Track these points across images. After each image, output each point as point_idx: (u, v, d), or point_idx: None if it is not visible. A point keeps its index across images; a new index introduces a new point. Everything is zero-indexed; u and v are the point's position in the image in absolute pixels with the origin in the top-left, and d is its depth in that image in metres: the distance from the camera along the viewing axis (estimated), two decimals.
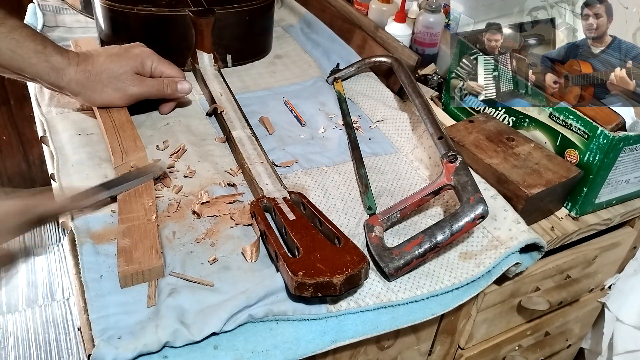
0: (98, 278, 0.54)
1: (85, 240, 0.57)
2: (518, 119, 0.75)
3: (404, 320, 0.56)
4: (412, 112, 0.80)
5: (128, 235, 0.57)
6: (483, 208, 0.57)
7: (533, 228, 0.67)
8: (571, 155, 0.69)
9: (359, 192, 0.69)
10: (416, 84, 0.78)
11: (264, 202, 0.63)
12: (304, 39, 1.06)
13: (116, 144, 0.69)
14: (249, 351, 0.50)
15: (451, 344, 0.74)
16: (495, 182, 0.67)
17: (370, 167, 0.74)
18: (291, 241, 0.57)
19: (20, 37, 0.67)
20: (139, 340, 0.48)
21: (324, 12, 1.08)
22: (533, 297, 0.74)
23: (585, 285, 0.81)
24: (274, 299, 0.53)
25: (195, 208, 0.63)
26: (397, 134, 0.80)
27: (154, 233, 0.57)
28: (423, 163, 0.74)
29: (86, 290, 0.52)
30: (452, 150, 0.64)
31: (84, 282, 0.53)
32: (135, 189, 0.63)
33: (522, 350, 0.86)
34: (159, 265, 0.54)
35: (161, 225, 0.61)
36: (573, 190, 0.69)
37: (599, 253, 0.80)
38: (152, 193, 0.63)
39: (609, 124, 0.66)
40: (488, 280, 0.61)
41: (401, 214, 0.64)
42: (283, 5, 1.19)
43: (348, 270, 0.51)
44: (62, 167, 0.67)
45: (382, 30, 0.94)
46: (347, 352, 0.61)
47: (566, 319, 0.89)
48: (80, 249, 0.56)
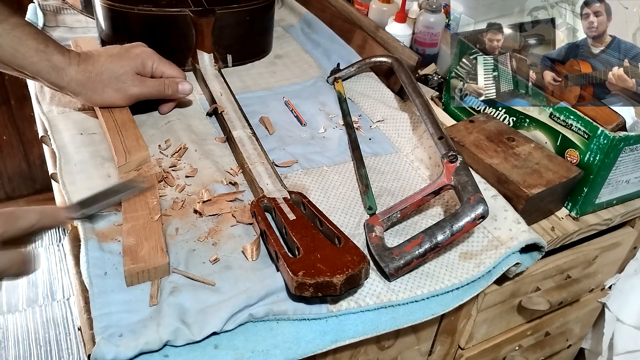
0: (102, 275, 0.54)
1: (90, 236, 0.57)
2: (518, 119, 0.75)
3: (404, 320, 0.56)
4: (413, 112, 0.81)
5: (133, 233, 0.57)
6: (483, 208, 0.57)
7: (533, 228, 0.67)
8: (571, 156, 0.69)
9: (359, 192, 0.69)
10: (416, 84, 0.78)
11: (264, 202, 0.63)
12: (304, 39, 1.06)
13: (119, 143, 0.69)
14: (250, 350, 0.50)
15: (451, 344, 0.74)
16: (495, 182, 0.67)
17: (370, 167, 0.74)
18: (291, 241, 0.57)
19: (22, 34, 0.67)
20: (140, 339, 0.48)
21: (324, 12, 1.08)
22: (533, 297, 0.74)
23: (586, 286, 0.81)
24: (274, 299, 0.53)
25: (197, 207, 0.63)
26: (397, 134, 0.80)
27: (159, 232, 0.57)
28: (423, 163, 0.74)
29: (89, 286, 0.52)
30: (453, 150, 0.64)
31: (88, 277, 0.53)
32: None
33: (522, 351, 0.86)
34: (165, 264, 0.54)
35: (165, 223, 0.61)
36: (573, 191, 0.69)
37: (599, 253, 0.80)
38: (156, 192, 0.63)
39: (609, 124, 0.66)
40: (488, 280, 0.61)
41: (401, 214, 0.64)
42: (283, 5, 1.19)
43: (348, 270, 0.51)
44: (64, 167, 0.67)
45: (383, 30, 0.94)
46: (347, 352, 0.61)
47: (566, 319, 0.89)
48: (86, 245, 0.56)
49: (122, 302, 0.52)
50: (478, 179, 0.67)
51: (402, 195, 0.69)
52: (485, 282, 0.61)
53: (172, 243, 0.59)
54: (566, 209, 0.72)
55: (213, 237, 0.60)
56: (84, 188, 0.64)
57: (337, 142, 0.78)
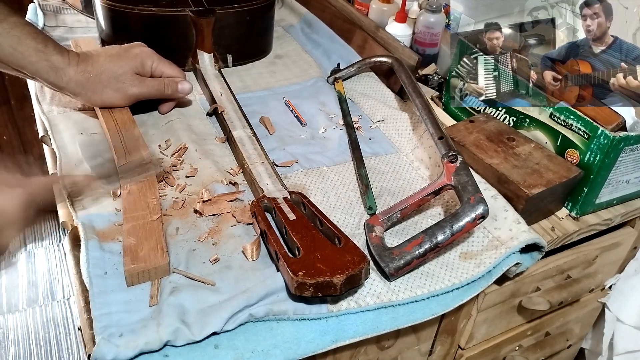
0: (102, 275, 0.54)
1: (91, 236, 0.57)
2: (518, 119, 0.75)
3: (404, 320, 0.56)
4: (413, 112, 0.80)
5: (133, 233, 0.57)
6: (484, 208, 0.57)
7: (533, 228, 0.67)
8: (572, 156, 0.69)
9: (359, 192, 0.69)
10: (416, 84, 0.78)
11: (264, 202, 0.63)
12: (305, 38, 1.06)
13: (119, 143, 0.69)
14: (250, 350, 0.50)
15: (451, 344, 0.74)
16: (495, 182, 0.67)
17: (370, 167, 0.74)
18: (291, 241, 0.57)
19: (21, 34, 0.67)
20: (140, 339, 0.48)
21: (324, 12, 1.08)
22: (533, 297, 0.74)
23: (586, 286, 0.81)
24: (274, 299, 0.53)
25: (197, 207, 0.63)
26: (397, 134, 0.80)
27: (159, 232, 0.57)
28: (423, 163, 0.74)
29: (89, 286, 0.52)
30: (453, 150, 0.64)
31: (89, 277, 0.53)
32: (139, 188, 0.63)
33: (522, 351, 0.86)
34: (165, 264, 0.54)
35: (165, 223, 0.61)
36: (574, 191, 0.69)
37: (599, 253, 0.80)
38: (156, 192, 0.63)
39: (609, 124, 0.66)
40: (488, 281, 0.61)
41: (401, 214, 0.64)
42: (283, 5, 1.19)
43: (348, 270, 0.51)
44: (64, 166, 0.67)
45: (383, 30, 0.94)
46: (348, 352, 0.61)
47: (566, 319, 0.89)
48: (86, 244, 0.56)
49: (122, 302, 0.52)
50: (478, 179, 0.67)
51: (402, 195, 0.69)
52: (486, 282, 0.61)
53: (172, 243, 0.59)
54: (566, 209, 0.71)
55: (213, 237, 0.60)
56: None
57: (338, 142, 0.78)
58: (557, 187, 0.65)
